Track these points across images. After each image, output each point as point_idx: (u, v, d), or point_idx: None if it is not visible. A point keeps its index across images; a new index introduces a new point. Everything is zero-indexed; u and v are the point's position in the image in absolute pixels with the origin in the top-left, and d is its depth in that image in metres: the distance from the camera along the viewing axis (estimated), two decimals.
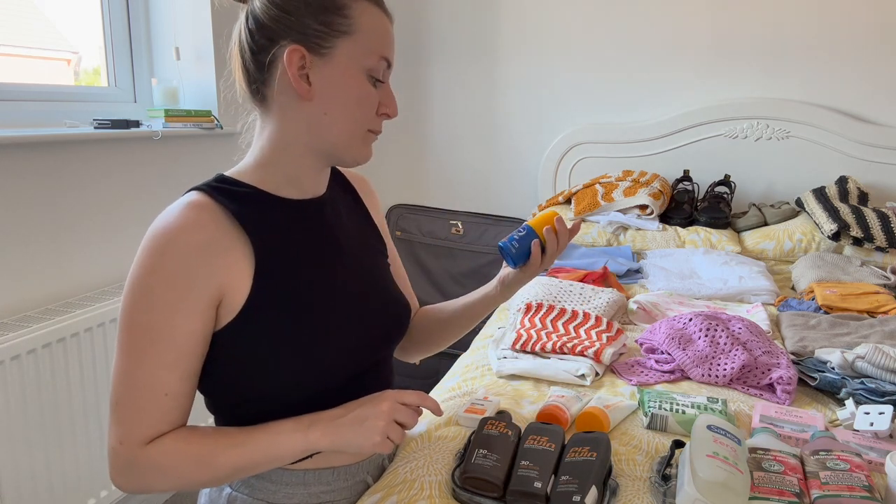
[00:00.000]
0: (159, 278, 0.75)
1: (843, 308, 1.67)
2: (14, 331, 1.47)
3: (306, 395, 0.84)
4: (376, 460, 0.98)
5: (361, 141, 0.85)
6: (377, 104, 0.85)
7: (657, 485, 0.90)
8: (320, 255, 0.87)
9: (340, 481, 0.92)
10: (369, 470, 0.96)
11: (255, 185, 0.85)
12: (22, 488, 1.48)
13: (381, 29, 0.83)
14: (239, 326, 0.79)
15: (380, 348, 0.94)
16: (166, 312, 0.75)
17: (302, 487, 0.89)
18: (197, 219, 0.77)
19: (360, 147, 0.86)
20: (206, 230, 0.77)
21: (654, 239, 2.25)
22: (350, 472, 0.93)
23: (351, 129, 0.84)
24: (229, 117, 2.20)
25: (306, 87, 0.81)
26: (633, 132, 2.69)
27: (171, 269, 0.75)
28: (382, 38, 0.83)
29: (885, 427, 1.04)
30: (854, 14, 2.40)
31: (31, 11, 1.90)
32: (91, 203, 1.78)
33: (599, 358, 1.32)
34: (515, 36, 2.81)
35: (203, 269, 0.76)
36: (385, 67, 0.84)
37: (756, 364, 1.29)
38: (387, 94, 0.86)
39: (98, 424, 1.66)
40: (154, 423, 0.77)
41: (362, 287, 0.92)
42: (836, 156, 2.48)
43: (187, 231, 0.76)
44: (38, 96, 1.76)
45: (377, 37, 0.82)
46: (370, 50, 0.82)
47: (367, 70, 0.82)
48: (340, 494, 0.93)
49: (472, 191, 3.02)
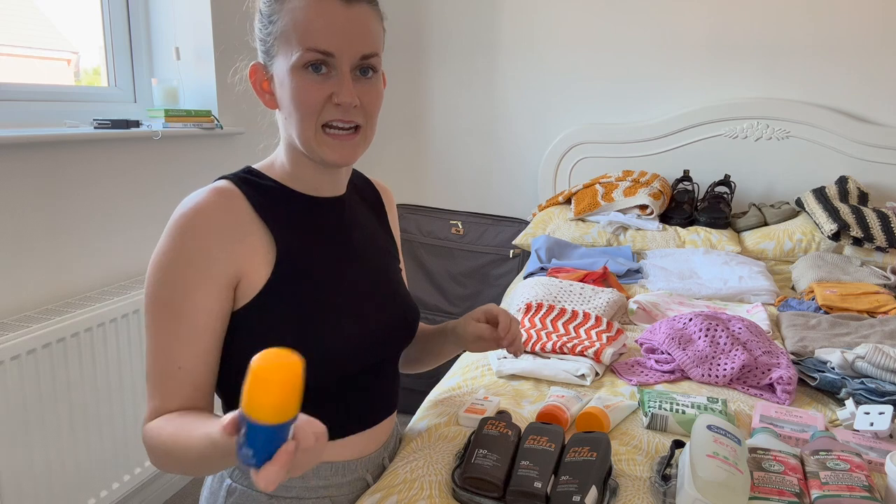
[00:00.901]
0: (179, 256, 0.79)
1: (843, 308, 1.67)
2: (14, 331, 1.47)
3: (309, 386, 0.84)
4: (376, 459, 0.98)
5: (316, 141, 0.84)
6: (324, 96, 0.82)
7: (657, 485, 0.90)
8: (334, 251, 0.91)
9: (338, 477, 0.92)
10: (369, 468, 0.96)
11: (278, 180, 0.89)
12: (22, 488, 1.48)
13: (305, 17, 0.80)
14: (253, 311, 0.83)
15: (384, 347, 0.95)
16: (184, 289, 0.79)
17: (299, 480, 0.90)
18: (219, 203, 0.82)
19: (320, 146, 0.84)
20: (228, 215, 0.82)
21: (654, 239, 2.25)
22: (348, 469, 0.93)
23: (302, 127, 0.83)
24: (229, 117, 2.20)
25: (269, 98, 0.87)
26: (633, 132, 2.69)
27: (191, 248, 0.79)
28: (306, 27, 0.80)
29: (885, 427, 1.04)
30: (854, 14, 2.40)
31: (31, 11, 1.90)
32: (91, 203, 1.78)
33: (599, 358, 1.32)
34: (516, 36, 2.81)
35: (221, 250, 0.80)
36: (319, 56, 0.81)
37: (756, 364, 1.29)
38: (338, 82, 0.82)
39: (98, 424, 1.66)
40: (167, 398, 0.80)
41: (371, 287, 0.94)
42: (836, 156, 2.48)
43: (208, 214, 0.80)
44: (38, 96, 1.76)
45: (300, 28, 0.80)
46: (295, 44, 0.81)
47: (298, 65, 0.81)
48: (338, 490, 0.93)
49: (472, 191, 3.02)
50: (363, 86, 0.84)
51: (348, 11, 0.81)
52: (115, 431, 1.71)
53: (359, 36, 0.82)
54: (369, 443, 0.96)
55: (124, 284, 1.85)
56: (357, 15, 0.82)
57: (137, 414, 1.78)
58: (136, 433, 1.78)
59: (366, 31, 0.83)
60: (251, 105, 2.30)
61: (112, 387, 1.69)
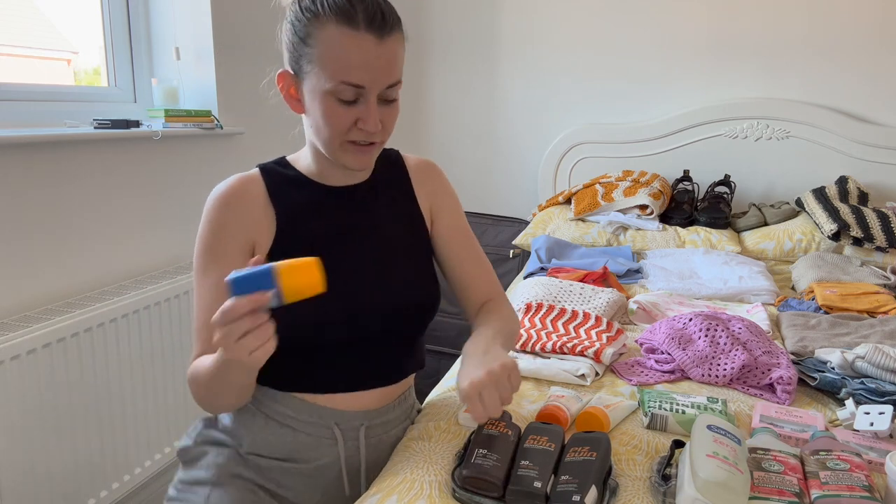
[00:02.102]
0: (206, 227, 0.97)
1: (843, 308, 1.67)
2: (14, 331, 1.47)
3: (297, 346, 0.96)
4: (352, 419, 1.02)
5: (341, 151, 0.94)
6: (352, 121, 0.91)
7: (657, 485, 0.90)
8: (333, 234, 1.00)
9: (304, 414, 1.00)
10: (339, 422, 1.02)
11: (300, 170, 1.03)
12: (22, 488, 1.48)
13: (343, 54, 0.87)
14: None
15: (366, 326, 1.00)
16: (212, 255, 0.96)
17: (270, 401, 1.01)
18: (236, 186, 0.98)
19: (343, 155, 0.95)
20: (242, 195, 0.98)
21: (654, 239, 2.25)
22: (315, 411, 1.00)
23: (326, 142, 0.94)
24: (229, 117, 2.20)
25: (296, 104, 0.96)
26: (633, 132, 2.69)
27: (214, 220, 0.97)
28: (343, 63, 0.87)
29: (885, 427, 1.04)
30: (854, 14, 2.40)
31: (31, 11, 1.91)
32: (91, 203, 1.78)
33: (599, 358, 1.32)
34: (516, 36, 2.81)
35: (234, 221, 0.97)
36: (350, 89, 0.88)
37: (756, 364, 1.29)
38: (365, 111, 0.91)
39: (98, 424, 1.66)
40: (202, 346, 0.95)
41: (367, 271, 1.01)
42: (836, 156, 2.48)
43: (226, 193, 0.98)
44: (38, 96, 1.76)
45: (337, 63, 0.87)
46: (330, 76, 0.88)
47: (330, 93, 0.89)
48: (302, 427, 1.00)
49: (472, 191, 3.02)
50: (385, 109, 0.93)
51: (380, 48, 0.88)
52: (115, 431, 1.71)
53: (387, 69, 0.90)
54: (346, 401, 1.02)
55: (124, 284, 1.85)
56: (388, 50, 0.89)
57: (137, 414, 1.78)
58: (136, 433, 1.79)
59: (394, 63, 0.91)
60: (251, 105, 2.30)
61: (112, 386, 1.69)
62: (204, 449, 1.04)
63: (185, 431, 1.96)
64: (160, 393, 1.86)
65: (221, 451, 1.02)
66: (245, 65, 2.24)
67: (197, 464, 1.03)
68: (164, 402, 1.88)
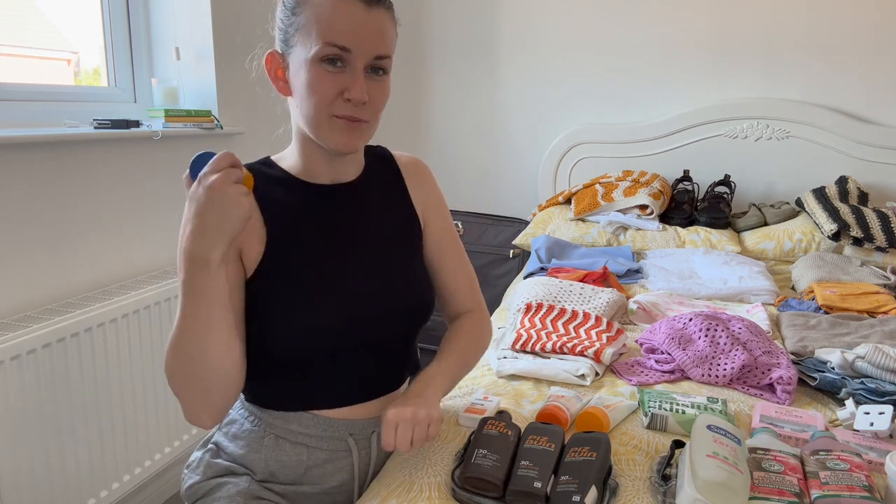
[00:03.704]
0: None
1: (843, 308, 1.67)
2: (14, 331, 1.47)
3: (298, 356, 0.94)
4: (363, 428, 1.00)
5: (328, 127, 0.90)
6: (337, 90, 0.88)
7: (657, 485, 0.90)
8: (325, 237, 0.96)
9: (318, 429, 0.97)
10: (352, 431, 0.99)
11: (286, 170, 0.99)
12: (22, 488, 1.48)
13: (329, 15, 0.86)
14: (254, 283, 0.93)
15: (370, 331, 0.97)
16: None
17: (281, 421, 0.97)
18: None
19: (329, 133, 0.90)
20: None
21: (654, 239, 2.25)
22: (329, 425, 0.97)
23: (313, 116, 0.90)
24: (229, 117, 2.20)
25: (282, 85, 0.93)
26: (633, 132, 2.69)
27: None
28: (328, 24, 0.86)
29: (885, 427, 1.04)
30: (854, 14, 2.40)
31: (31, 11, 1.91)
32: (91, 203, 1.78)
33: (599, 358, 1.32)
34: (516, 36, 2.81)
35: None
36: (337, 51, 0.86)
37: (756, 364, 1.29)
38: (351, 78, 0.88)
39: (98, 424, 1.66)
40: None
41: (363, 274, 0.98)
42: (836, 156, 2.48)
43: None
44: (38, 96, 1.76)
45: (322, 23, 0.86)
46: (315, 37, 0.87)
47: (316, 58, 0.87)
48: (316, 442, 0.97)
49: (472, 191, 3.02)
50: (373, 84, 0.90)
51: (368, 14, 0.87)
52: (115, 431, 1.71)
53: (375, 37, 0.88)
54: (358, 412, 1.00)
55: (124, 284, 1.85)
56: (376, 18, 0.88)
57: (137, 414, 1.78)
58: (136, 433, 1.79)
59: (382, 33, 0.89)
60: (251, 105, 2.30)
61: (112, 387, 1.69)
62: (219, 481, 0.96)
63: (185, 431, 1.96)
64: (160, 393, 1.86)
65: (240, 479, 0.96)
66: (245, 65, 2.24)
67: (214, 496, 0.95)
68: (163, 402, 1.88)
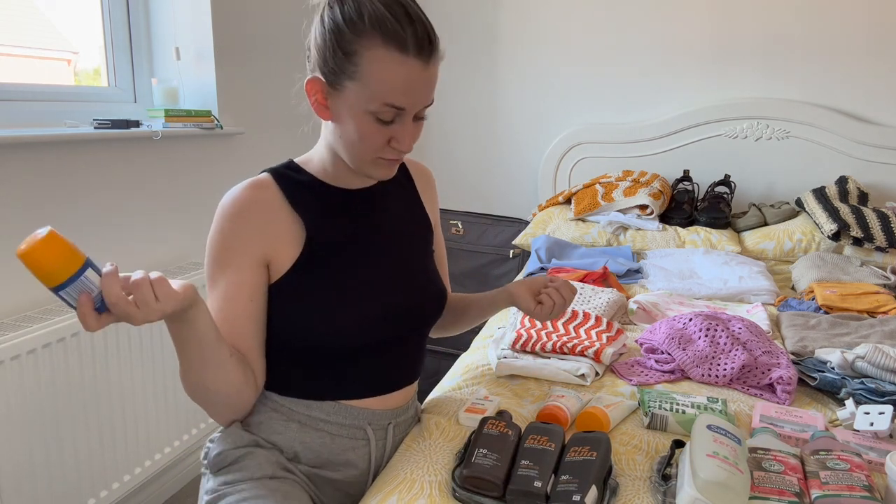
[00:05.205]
0: (216, 237, 0.95)
1: (843, 308, 1.67)
2: (14, 331, 1.47)
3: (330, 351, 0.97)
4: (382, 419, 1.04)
5: (371, 165, 0.94)
6: (386, 139, 0.91)
7: (657, 485, 0.90)
8: (360, 238, 1.01)
9: (339, 416, 1.00)
10: (371, 421, 1.03)
11: (314, 174, 1.01)
12: (22, 488, 1.48)
13: (390, 77, 0.86)
14: (283, 286, 0.96)
15: (399, 326, 1.02)
16: (218, 265, 0.94)
17: (303, 408, 1.00)
18: (251, 195, 0.95)
19: (371, 168, 0.95)
20: (258, 205, 0.95)
21: (654, 239, 2.25)
22: (351, 413, 1.01)
23: (357, 156, 0.94)
24: (229, 117, 2.20)
25: (325, 112, 0.93)
26: (633, 132, 2.69)
27: (227, 231, 0.94)
28: (389, 87, 0.86)
29: (885, 427, 1.04)
30: (854, 14, 2.40)
31: (31, 11, 1.90)
32: (91, 203, 1.78)
33: (599, 358, 1.32)
34: (516, 35, 2.81)
35: (248, 232, 0.93)
36: (393, 112, 0.88)
37: (756, 364, 1.29)
38: (401, 130, 0.91)
39: (98, 424, 1.66)
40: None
41: (393, 271, 1.03)
42: (836, 156, 2.48)
43: (239, 202, 0.94)
44: (38, 96, 1.76)
45: (383, 85, 0.86)
46: (373, 97, 0.87)
47: (370, 113, 0.88)
48: (337, 430, 1.00)
49: (472, 191, 3.02)
50: (416, 126, 0.94)
51: (425, 73, 0.88)
52: (115, 431, 1.71)
53: (429, 92, 0.91)
54: (378, 403, 1.04)
55: None
56: (432, 74, 0.89)
57: (137, 414, 1.78)
58: (136, 433, 1.79)
59: (434, 85, 0.91)
60: (251, 105, 2.30)
61: (112, 387, 1.69)
62: (248, 450, 0.97)
63: (185, 431, 1.96)
64: (160, 393, 1.86)
65: (271, 452, 0.98)
66: (245, 65, 2.24)
67: (241, 464, 0.95)
68: (163, 402, 1.88)
